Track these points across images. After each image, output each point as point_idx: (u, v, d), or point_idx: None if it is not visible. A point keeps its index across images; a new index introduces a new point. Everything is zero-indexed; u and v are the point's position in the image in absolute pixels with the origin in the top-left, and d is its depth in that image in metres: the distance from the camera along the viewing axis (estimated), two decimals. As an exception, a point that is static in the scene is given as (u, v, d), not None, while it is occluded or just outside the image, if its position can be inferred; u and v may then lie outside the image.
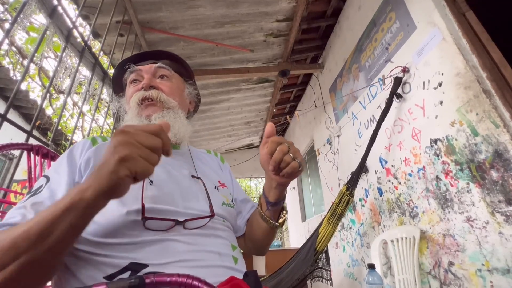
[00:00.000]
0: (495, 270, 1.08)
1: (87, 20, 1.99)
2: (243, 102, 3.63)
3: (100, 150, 0.59)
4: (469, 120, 1.21)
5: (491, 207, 1.10)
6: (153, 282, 0.36)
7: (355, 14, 2.26)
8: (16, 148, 0.68)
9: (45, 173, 0.56)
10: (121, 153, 0.36)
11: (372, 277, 1.16)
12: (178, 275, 0.37)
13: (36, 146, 0.73)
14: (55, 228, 0.36)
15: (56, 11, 1.28)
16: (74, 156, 0.58)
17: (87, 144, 0.61)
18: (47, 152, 0.75)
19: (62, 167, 0.56)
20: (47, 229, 0.36)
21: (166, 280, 0.37)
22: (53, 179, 0.53)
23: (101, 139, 0.65)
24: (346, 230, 2.42)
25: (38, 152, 0.73)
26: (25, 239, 0.36)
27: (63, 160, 0.57)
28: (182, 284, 0.37)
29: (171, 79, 0.73)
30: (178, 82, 0.76)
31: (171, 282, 0.37)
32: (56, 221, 0.36)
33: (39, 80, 4.08)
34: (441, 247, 1.34)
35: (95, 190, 0.36)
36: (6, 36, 1.02)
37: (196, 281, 0.37)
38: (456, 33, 1.31)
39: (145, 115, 0.64)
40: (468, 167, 1.21)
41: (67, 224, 0.36)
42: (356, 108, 2.24)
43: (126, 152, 0.36)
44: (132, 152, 0.36)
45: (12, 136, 1.39)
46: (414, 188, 1.55)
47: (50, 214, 0.37)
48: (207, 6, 2.09)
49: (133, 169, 0.36)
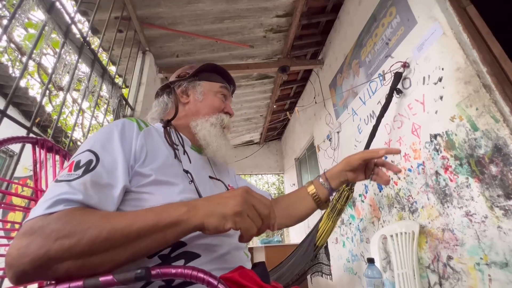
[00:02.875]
0: (493, 263, 1.09)
1: (85, 16, 1.98)
2: (243, 99, 3.62)
3: (148, 136, 0.60)
4: (469, 115, 1.21)
5: (490, 202, 1.11)
6: (159, 274, 0.37)
7: (355, 9, 2.24)
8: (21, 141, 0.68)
9: (89, 147, 0.51)
10: (238, 208, 0.42)
11: (372, 271, 1.17)
12: (183, 267, 0.38)
13: (41, 140, 0.72)
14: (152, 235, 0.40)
15: (54, 6, 1.27)
16: (127, 137, 0.56)
17: (135, 127, 0.59)
18: (52, 145, 0.75)
19: (114, 146, 0.52)
20: (145, 233, 0.40)
21: (171, 271, 0.38)
22: (106, 159, 0.50)
23: (143, 123, 0.64)
24: (346, 225, 2.44)
25: (43, 146, 0.72)
26: (125, 235, 0.39)
27: (113, 139, 0.54)
28: (188, 276, 0.37)
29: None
30: None
31: (177, 274, 0.38)
32: (157, 229, 0.41)
33: (38, 77, 4.07)
34: (440, 242, 1.35)
35: (201, 220, 0.42)
36: (4, 32, 1.01)
37: (201, 273, 0.37)
38: (456, 28, 1.30)
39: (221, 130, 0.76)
40: (467, 162, 1.22)
41: (164, 236, 0.41)
42: (356, 104, 2.24)
43: (241, 209, 0.42)
44: (245, 211, 0.43)
45: (12, 133, 1.38)
46: (414, 183, 1.55)
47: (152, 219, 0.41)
48: (207, 2, 2.08)
49: (239, 225, 0.42)
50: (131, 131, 0.57)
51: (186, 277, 0.37)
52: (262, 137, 5.02)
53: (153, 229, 0.41)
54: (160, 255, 0.49)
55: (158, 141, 0.62)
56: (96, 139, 0.53)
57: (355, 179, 0.73)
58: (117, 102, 1.81)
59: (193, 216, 0.42)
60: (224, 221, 0.42)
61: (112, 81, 1.77)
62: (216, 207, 0.43)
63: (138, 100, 2.14)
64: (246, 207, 0.43)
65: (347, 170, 0.72)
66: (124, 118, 0.62)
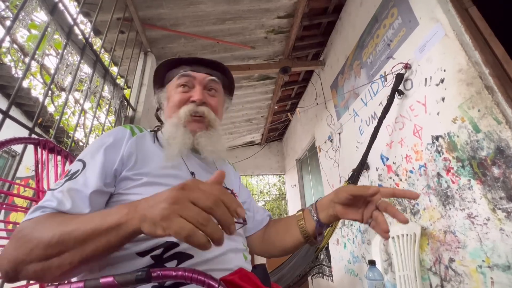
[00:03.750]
0: (495, 266, 1.08)
1: (88, 17, 1.99)
2: (244, 100, 3.62)
3: (140, 142, 0.61)
4: (471, 117, 1.21)
5: (492, 204, 1.10)
6: (160, 276, 0.37)
7: (357, 10, 2.24)
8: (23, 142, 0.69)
9: (81, 157, 0.56)
10: (165, 211, 0.34)
11: (373, 273, 1.17)
12: (184, 269, 0.38)
13: (43, 141, 0.73)
14: (97, 239, 0.39)
15: (57, 8, 1.27)
16: (115, 144, 0.58)
17: (127, 133, 0.61)
18: (54, 146, 0.76)
19: (98, 154, 0.55)
20: (89, 236, 0.39)
21: (172, 274, 0.38)
22: (89, 167, 0.54)
23: (137, 129, 0.65)
24: (347, 227, 2.43)
25: (45, 147, 0.73)
26: (72, 239, 0.39)
27: (100, 147, 0.57)
28: (188, 278, 0.38)
29: (218, 93, 0.74)
30: (222, 97, 0.77)
31: (177, 276, 0.38)
32: (100, 233, 0.39)
33: (40, 78, 4.09)
34: (442, 244, 1.34)
35: (137, 224, 0.37)
36: (7, 33, 1.02)
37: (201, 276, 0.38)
38: (458, 29, 1.30)
39: (190, 129, 0.66)
40: (469, 164, 1.21)
41: (108, 240, 0.39)
42: (358, 105, 2.23)
43: (169, 212, 0.34)
44: (177, 211, 0.34)
45: (14, 134, 1.39)
46: (415, 185, 1.54)
47: (96, 223, 0.40)
48: (208, 3, 2.08)
49: (167, 232, 0.33)
50: (121, 139, 0.60)
51: (186, 280, 0.38)
52: (263, 137, 5.02)
53: (96, 232, 0.39)
54: (153, 255, 0.49)
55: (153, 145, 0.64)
56: (89, 149, 0.58)
57: (344, 215, 0.57)
58: (119, 102, 1.82)
59: (131, 219, 0.38)
60: (154, 227, 0.35)
61: (114, 82, 1.78)
62: (148, 211, 0.36)
63: (139, 101, 2.14)
64: (178, 207, 0.34)
65: (336, 202, 0.58)
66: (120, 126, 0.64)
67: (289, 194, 4.87)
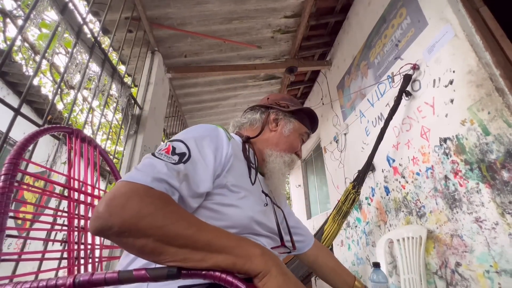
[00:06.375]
0: (503, 271, 1.06)
1: (97, 16, 2.02)
2: (250, 99, 3.62)
3: (236, 149, 0.64)
4: (480, 119, 1.18)
5: (501, 208, 1.08)
6: (188, 274, 0.39)
7: (364, 10, 2.22)
8: (60, 131, 0.73)
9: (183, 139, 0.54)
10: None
11: (377, 275, 1.15)
12: (213, 269, 0.39)
13: (76, 130, 0.78)
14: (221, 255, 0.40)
15: (67, 7, 1.30)
16: (218, 145, 0.58)
17: (225, 136, 0.61)
18: (85, 136, 0.81)
19: (206, 151, 0.55)
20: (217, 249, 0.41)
21: (201, 272, 0.39)
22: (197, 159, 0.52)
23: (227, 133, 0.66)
24: (352, 228, 2.41)
25: (77, 136, 0.78)
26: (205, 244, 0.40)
27: (208, 143, 0.57)
28: (216, 278, 0.38)
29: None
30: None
31: (206, 276, 0.39)
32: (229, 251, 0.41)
33: (50, 76, 4.16)
34: (448, 248, 1.32)
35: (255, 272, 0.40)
36: (19, 32, 1.04)
37: (230, 277, 0.38)
38: (469, 30, 1.27)
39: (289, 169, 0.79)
40: (478, 167, 1.19)
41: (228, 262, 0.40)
42: (364, 106, 2.21)
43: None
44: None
45: (24, 130, 1.42)
46: (422, 188, 1.53)
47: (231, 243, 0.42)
48: (215, 2, 2.09)
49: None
50: (222, 140, 0.60)
51: (215, 280, 0.38)
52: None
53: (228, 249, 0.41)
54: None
55: (242, 155, 0.67)
56: (190, 135, 0.56)
57: None
58: (126, 101, 1.84)
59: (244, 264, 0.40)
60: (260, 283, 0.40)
61: (121, 80, 1.80)
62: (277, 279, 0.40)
63: (146, 99, 2.16)
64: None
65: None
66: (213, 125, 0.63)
67: (293, 194, 4.85)
